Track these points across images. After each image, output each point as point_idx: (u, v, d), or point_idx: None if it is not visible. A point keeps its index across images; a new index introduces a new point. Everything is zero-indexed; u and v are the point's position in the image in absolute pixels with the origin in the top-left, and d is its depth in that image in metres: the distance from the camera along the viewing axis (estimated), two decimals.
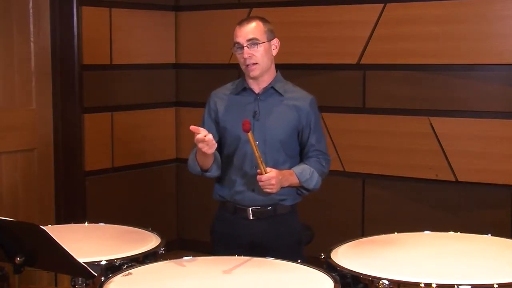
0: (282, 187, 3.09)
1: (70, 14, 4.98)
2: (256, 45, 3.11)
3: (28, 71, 5.00)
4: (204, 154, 3.03)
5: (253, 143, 2.94)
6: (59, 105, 5.08)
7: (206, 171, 3.18)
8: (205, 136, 2.94)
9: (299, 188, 3.21)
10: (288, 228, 3.25)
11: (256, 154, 2.96)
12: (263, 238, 3.18)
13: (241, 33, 3.11)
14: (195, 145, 3.04)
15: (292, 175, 3.14)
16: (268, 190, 3.03)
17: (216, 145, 3.00)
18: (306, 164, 3.20)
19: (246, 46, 3.10)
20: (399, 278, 2.49)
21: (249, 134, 2.92)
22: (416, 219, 4.76)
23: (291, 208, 3.25)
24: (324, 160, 3.25)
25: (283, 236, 3.22)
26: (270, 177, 3.00)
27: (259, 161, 2.98)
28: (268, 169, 3.02)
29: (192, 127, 2.95)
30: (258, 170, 3.01)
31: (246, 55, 3.10)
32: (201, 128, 2.97)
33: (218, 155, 3.18)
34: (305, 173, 3.16)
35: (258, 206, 3.17)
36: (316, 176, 3.18)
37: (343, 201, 5.11)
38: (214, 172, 3.19)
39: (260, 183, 3.01)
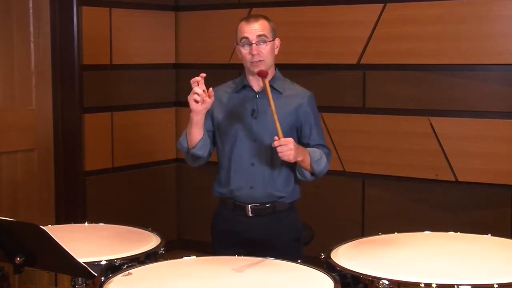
0: (296, 161, 3.04)
1: (70, 14, 4.98)
2: (265, 42, 3.12)
3: (28, 71, 5.00)
4: (195, 125, 3.04)
5: (269, 94, 2.97)
6: (59, 105, 5.07)
7: (193, 147, 3.13)
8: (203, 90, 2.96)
9: (305, 171, 3.15)
10: (287, 225, 3.26)
11: (274, 117, 2.95)
12: (262, 235, 3.20)
13: (250, 29, 3.12)
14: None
15: (305, 151, 3.11)
16: (286, 157, 2.97)
17: (210, 102, 2.99)
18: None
19: (255, 43, 3.11)
20: (399, 278, 2.49)
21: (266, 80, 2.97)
22: (416, 219, 4.76)
23: (290, 205, 3.26)
24: (326, 152, 3.24)
25: (282, 233, 3.23)
26: (289, 141, 2.96)
27: (277, 125, 2.95)
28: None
29: (193, 79, 2.96)
30: (276, 137, 2.96)
31: (255, 52, 3.10)
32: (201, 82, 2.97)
33: (207, 138, 3.17)
34: (316, 154, 3.14)
35: (257, 203, 3.18)
36: (324, 160, 3.16)
37: (343, 201, 5.11)
38: (199, 150, 3.13)
39: (278, 148, 2.95)
